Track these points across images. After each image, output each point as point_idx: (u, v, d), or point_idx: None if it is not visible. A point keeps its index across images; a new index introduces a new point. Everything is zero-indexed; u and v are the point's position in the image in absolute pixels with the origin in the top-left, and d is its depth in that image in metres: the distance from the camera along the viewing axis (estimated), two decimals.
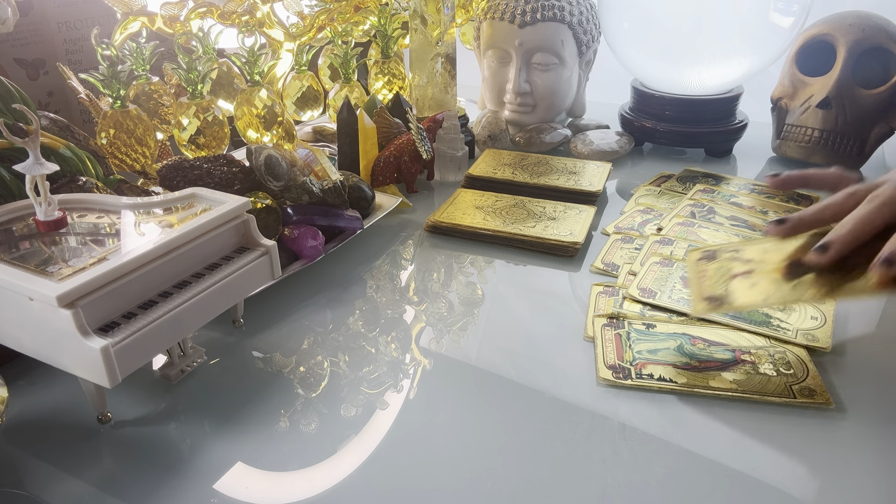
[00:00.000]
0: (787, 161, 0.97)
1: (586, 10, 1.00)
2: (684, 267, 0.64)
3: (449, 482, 0.44)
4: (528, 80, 1.00)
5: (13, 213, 0.52)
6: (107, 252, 0.47)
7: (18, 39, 0.78)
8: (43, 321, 0.43)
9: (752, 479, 0.44)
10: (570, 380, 0.54)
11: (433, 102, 0.97)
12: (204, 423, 0.49)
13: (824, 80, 0.90)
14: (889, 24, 0.89)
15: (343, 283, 0.68)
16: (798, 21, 0.92)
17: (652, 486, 0.44)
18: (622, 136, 1.01)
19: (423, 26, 0.92)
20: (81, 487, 0.44)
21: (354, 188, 0.76)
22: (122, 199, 0.55)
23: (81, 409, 0.50)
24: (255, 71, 0.77)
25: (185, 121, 0.74)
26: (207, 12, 0.78)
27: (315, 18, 0.87)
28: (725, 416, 0.49)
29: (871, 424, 0.48)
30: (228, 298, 0.53)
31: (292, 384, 0.54)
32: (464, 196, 0.83)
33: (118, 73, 0.69)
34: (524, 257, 0.73)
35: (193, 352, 0.55)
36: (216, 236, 0.53)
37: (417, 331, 0.61)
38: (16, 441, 0.48)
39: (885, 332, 0.60)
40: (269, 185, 0.67)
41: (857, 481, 0.44)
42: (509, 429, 0.49)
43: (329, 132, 1.04)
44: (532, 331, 0.61)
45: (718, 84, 0.97)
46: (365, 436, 0.48)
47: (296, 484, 0.45)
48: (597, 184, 0.86)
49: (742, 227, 0.75)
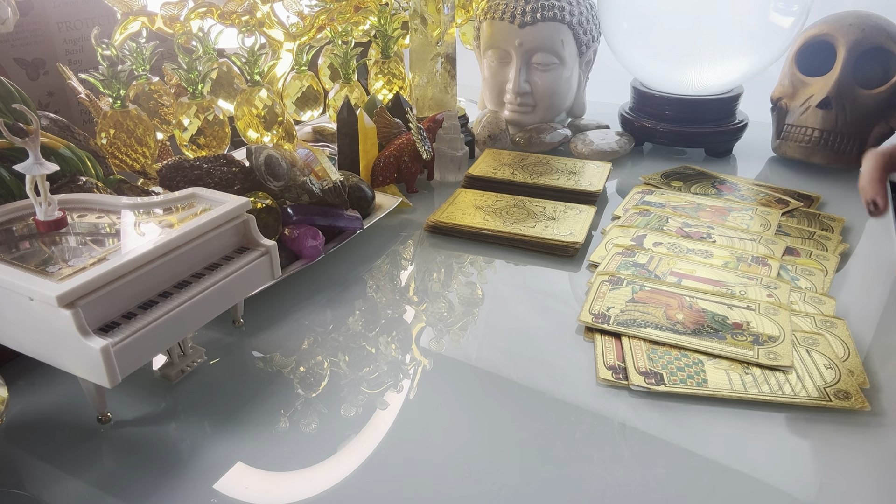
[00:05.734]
0: (787, 161, 0.97)
1: (586, 10, 1.00)
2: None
3: (449, 482, 0.44)
4: (528, 80, 1.00)
5: (13, 213, 0.52)
6: (107, 252, 0.47)
7: (18, 39, 0.78)
8: (43, 321, 0.43)
9: (752, 480, 0.44)
10: (570, 380, 0.54)
11: (433, 102, 0.97)
12: (204, 423, 0.49)
13: (824, 80, 0.90)
14: (889, 24, 0.89)
15: (343, 283, 0.68)
16: (798, 21, 0.92)
17: (652, 486, 0.44)
18: (622, 136, 1.01)
19: (423, 26, 0.92)
20: (81, 487, 0.44)
21: (354, 188, 0.76)
22: (122, 199, 0.55)
23: (81, 409, 0.50)
24: (255, 71, 0.77)
25: (186, 121, 0.74)
26: (207, 12, 0.78)
27: (315, 18, 0.87)
28: (726, 415, 0.49)
29: (870, 426, 0.49)
30: (228, 298, 0.53)
31: (292, 384, 0.54)
32: (464, 196, 0.83)
33: (118, 73, 0.69)
34: (524, 257, 0.73)
35: (193, 352, 0.55)
36: (216, 236, 0.53)
37: (417, 331, 0.61)
38: (16, 441, 0.48)
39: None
40: (269, 185, 0.67)
41: (858, 481, 0.44)
42: (509, 429, 0.49)
43: (329, 132, 1.04)
44: (532, 331, 0.61)
45: (718, 84, 0.97)
46: (365, 436, 0.48)
47: (296, 484, 0.45)
48: (597, 184, 0.86)
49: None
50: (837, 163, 0.91)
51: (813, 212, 0.81)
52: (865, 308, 0.63)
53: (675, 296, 0.62)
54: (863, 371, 0.53)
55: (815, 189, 0.87)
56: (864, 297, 0.65)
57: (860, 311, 0.62)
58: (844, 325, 0.59)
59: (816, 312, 0.61)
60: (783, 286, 0.64)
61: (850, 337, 0.57)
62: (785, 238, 0.74)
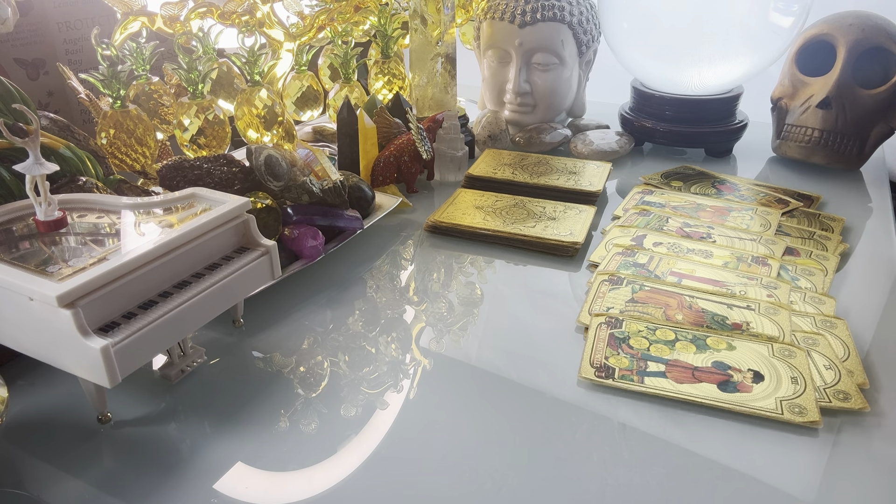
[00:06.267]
0: (787, 161, 0.97)
1: (586, 10, 1.00)
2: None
3: (449, 482, 0.44)
4: (528, 80, 1.00)
5: (13, 213, 0.52)
6: (107, 252, 0.47)
7: (18, 39, 0.78)
8: (43, 321, 0.43)
9: (752, 480, 0.44)
10: (570, 380, 0.54)
11: (433, 102, 0.97)
12: (204, 423, 0.49)
13: (824, 80, 0.90)
14: (889, 24, 0.89)
15: (343, 283, 0.68)
16: (798, 21, 0.92)
17: (652, 486, 0.44)
18: (622, 136, 1.01)
19: (423, 26, 0.92)
20: (81, 487, 0.44)
21: (354, 188, 0.76)
22: (122, 199, 0.55)
23: (81, 409, 0.50)
24: (255, 71, 0.77)
25: (187, 121, 0.74)
26: (207, 12, 0.78)
27: (315, 18, 0.87)
28: (726, 416, 0.49)
29: (870, 426, 0.49)
30: (228, 298, 0.53)
31: (292, 384, 0.54)
32: (464, 196, 0.83)
33: (118, 73, 0.69)
34: (524, 257, 0.73)
35: (193, 352, 0.55)
36: (216, 236, 0.53)
37: (417, 331, 0.61)
38: (16, 441, 0.48)
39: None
40: (269, 185, 0.67)
41: (858, 481, 0.44)
42: (509, 429, 0.49)
43: (329, 132, 1.04)
44: (532, 331, 0.61)
45: (718, 84, 0.97)
46: (365, 436, 0.48)
47: (296, 484, 0.45)
48: (597, 184, 0.86)
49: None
50: (837, 163, 0.91)
51: (813, 212, 0.81)
52: (865, 308, 0.63)
53: (674, 295, 0.62)
54: (863, 371, 0.53)
55: (815, 189, 0.87)
56: (864, 297, 0.65)
57: (860, 311, 0.62)
58: (844, 325, 0.59)
59: (816, 312, 0.61)
60: (783, 286, 0.64)
61: (850, 337, 0.57)
62: (785, 238, 0.74)
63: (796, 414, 0.48)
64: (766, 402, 0.49)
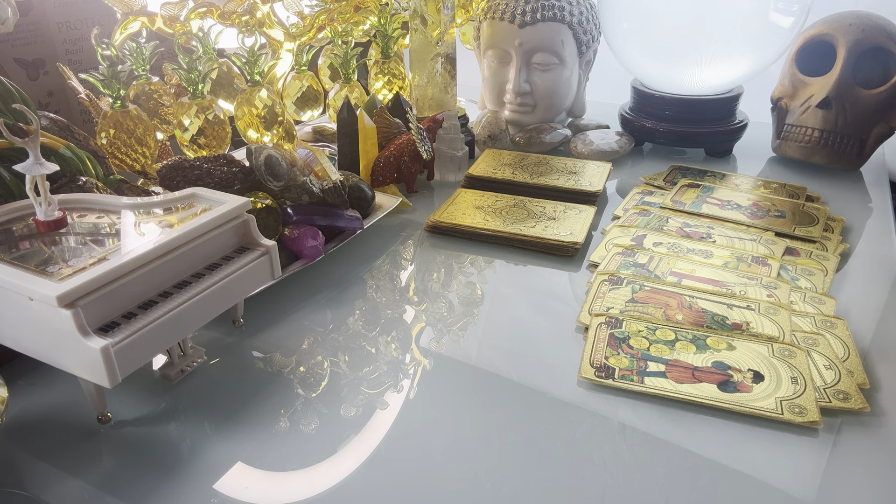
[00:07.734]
0: (787, 161, 0.97)
1: (586, 10, 1.00)
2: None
3: (449, 482, 0.44)
4: (528, 80, 1.00)
5: (13, 213, 0.52)
6: (107, 252, 0.47)
7: (18, 39, 0.78)
8: (43, 321, 0.43)
9: (752, 480, 0.44)
10: (570, 380, 0.54)
11: (433, 102, 0.97)
12: (204, 423, 0.49)
13: (824, 80, 0.90)
14: (889, 24, 0.89)
15: (343, 283, 0.68)
16: (798, 21, 0.92)
17: (652, 486, 0.44)
18: (622, 136, 1.01)
19: (423, 26, 0.92)
20: (81, 487, 0.44)
21: (354, 188, 0.76)
22: (122, 199, 0.55)
23: (81, 409, 0.50)
24: (255, 71, 0.77)
25: (187, 121, 0.74)
26: (207, 12, 0.78)
27: (315, 18, 0.87)
28: (726, 415, 0.49)
29: (870, 426, 0.49)
30: (228, 298, 0.53)
31: (292, 384, 0.54)
32: (464, 196, 0.83)
33: (118, 73, 0.69)
34: (524, 257, 0.73)
35: (193, 352, 0.55)
36: (216, 236, 0.53)
37: (417, 331, 0.61)
38: (16, 441, 0.48)
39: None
40: (269, 185, 0.67)
41: (858, 481, 0.44)
42: (509, 429, 0.49)
43: (329, 132, 1.04)
44: (532, 331, 0.61)
45: (718, 84, 0.97)
46: (365, 436, 0.48)
47: (296, 484, 0.45)
48: (597, 184, 0.86)
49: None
50: (837, 163, 0.91)
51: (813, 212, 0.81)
52: (865, 308, 0.63)
53: (674, 295, 0.62)
54: (863, 371, 0.53)
55: (815, 189, 0.87)
56: (864, 297, 0.65)
57: (860, 311, 0.62)
58: (844, 325, 0.59)
59: (816, 312, 0.61)
60: (783, 286, 0.64)
61: (850, 337, 0.57)
62: (785, 238, 0.74)
63: (796, 414, 0.48)
64: (766, 402, 0.49)
